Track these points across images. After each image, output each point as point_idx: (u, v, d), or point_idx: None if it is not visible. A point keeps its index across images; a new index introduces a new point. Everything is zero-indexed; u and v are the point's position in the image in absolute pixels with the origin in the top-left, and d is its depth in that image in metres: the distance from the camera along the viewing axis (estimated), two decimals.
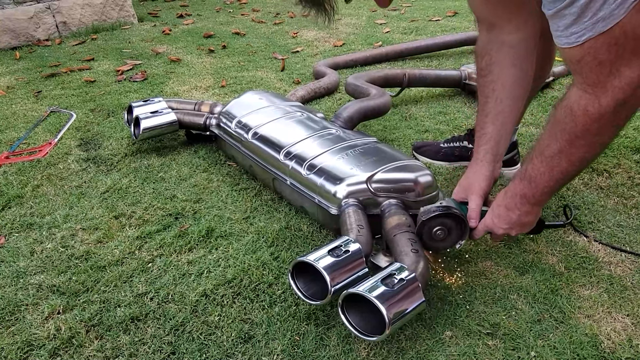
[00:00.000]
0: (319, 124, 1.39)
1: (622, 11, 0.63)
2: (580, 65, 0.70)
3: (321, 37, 2.95)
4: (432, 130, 1.69)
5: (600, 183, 1.36)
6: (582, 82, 0.72)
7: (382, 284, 0.84)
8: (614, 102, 0.69)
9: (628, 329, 0.91)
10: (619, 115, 0.71)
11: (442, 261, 1.09)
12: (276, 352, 0.89)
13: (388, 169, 1.13)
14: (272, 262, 1.10)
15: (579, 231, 1.16)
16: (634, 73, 0.66)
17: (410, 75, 1.86)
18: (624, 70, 0.67)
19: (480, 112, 1.04)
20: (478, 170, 1.03)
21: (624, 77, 0.67)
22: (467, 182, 1.04)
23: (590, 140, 0.76)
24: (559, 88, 2.01)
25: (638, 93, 0.68)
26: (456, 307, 0.97)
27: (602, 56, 0.67)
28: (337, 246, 0.93)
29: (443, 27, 3.02)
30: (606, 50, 0.66)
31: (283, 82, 2.22)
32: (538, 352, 0.87)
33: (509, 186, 0.93)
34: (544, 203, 0.93)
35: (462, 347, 0.88)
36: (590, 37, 0.66)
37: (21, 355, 0.89)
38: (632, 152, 1.50)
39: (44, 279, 1.06)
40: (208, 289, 1.03)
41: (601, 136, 0.75)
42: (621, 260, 1.08)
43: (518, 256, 1.10)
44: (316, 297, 0.91)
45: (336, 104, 1.95)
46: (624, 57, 0.66)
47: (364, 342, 0.90)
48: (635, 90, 0.68)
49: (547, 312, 0.95)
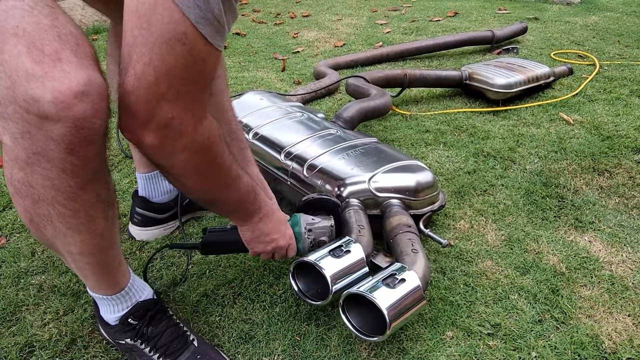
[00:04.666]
0: (319, 124, 1.39)
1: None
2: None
3: (322, 37, 2.95)
4: (432, 131, 1.69)
5: (601, 183, 1.36)
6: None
7: (382, 284, 0.84)
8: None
9: (629, 329, 0.91)
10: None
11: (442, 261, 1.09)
12: (277, 353, 0.89)
13: (389, 169, 1.13)
14: (273, 263, 1.10)
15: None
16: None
17: (411, 76, 1.86)
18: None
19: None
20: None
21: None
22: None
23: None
24: (559, 88, 2.01)
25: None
26: (457, 307, 0.97)
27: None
28: (338, 246, 0.93)
29: (444, 27, 3.02)
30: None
31: (284, 82, 2.22)
32: (539, 353, 0.87)
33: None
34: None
35: (463, 348, 0.88)
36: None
37: (22, 355, 0.89)
38: (632, 152, 1.50)
39: (45, 279, 1.06)
40: (209, 289, 1.03)
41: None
42: (622, 260, 1.08)
43: (519, 256, 1.10)
44: (317, 298, 0.91)
45: (337, 104, 1.95)
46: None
47: (364, 342, 0.90)
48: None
49: (548, 313, 0.95)
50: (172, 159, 0.63)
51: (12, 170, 0.60)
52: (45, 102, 0.52)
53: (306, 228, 0.98)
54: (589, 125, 1.68)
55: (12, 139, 0.56)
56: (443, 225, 1.21)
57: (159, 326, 0.84)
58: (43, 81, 0.51)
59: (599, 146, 1.53)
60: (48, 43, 0.52)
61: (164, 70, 0.55)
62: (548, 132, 1.65)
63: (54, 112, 0.53)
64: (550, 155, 1.50)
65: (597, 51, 2.46)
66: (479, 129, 1.68)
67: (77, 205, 0.64)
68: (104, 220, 0.70)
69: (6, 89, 0.52)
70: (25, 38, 0.51)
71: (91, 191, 0.64)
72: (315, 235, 0.98)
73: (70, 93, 0.52)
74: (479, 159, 1.50)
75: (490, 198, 1.31)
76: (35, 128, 0.54)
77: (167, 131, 0.59)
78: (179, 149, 0.62)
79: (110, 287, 0.81)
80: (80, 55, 0.54)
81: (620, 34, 2.77)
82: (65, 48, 0.53)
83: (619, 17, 3.14)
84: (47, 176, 0.59)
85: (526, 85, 1.88)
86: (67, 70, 0.52)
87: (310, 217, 1.00)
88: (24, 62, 0.51)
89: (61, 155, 0.57)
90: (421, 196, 1.12)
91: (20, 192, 0.62)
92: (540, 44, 2.63)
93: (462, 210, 1.26)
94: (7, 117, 0.54)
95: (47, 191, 0.61)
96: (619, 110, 1.78)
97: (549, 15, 3.27)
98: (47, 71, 0.51)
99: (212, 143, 0.66)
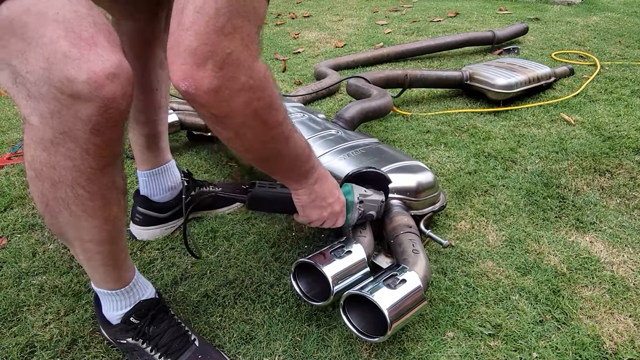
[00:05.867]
0: (320, 124, 1.39)
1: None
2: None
3: (322, 38, 2.95)
4: (433, 131, 1.69)
5: (602, 183, 1.36)
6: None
7: (383, 284, 0.84)
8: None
9: (630, 330, 0.91)
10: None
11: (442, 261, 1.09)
12: (277, 353, 0.89)
13: (390, 170, 1.13)
14: (274, 263, 1.10)
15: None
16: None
17: (412, 76, 1.86)
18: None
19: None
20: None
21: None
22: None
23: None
24: (560, 88, 2.01)
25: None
26: (458, 308, 0.97)
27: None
28: (339, 247, 0.93)
29: (444, 27, 3.02)
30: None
31: (284, 83, 2.22)
32: (540, 353, 0.87)
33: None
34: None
35: (464, 348, 0.88)
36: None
37: (23, 356, 0.89)
38: (634, 152, 1.50)
39: (46, 279, 1.06)
40: (210, 289, 1.03)
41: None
42: (623, 260, 1.08)
43: (520, 257, 1.10)
44: (318, 298, 0.91)
45: (337, 104, 1.95)
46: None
47: (365, 343, 0.90)
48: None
49: (549, 313, 0.95)
50: (232, 103, 0.62)
51: (35, 152, 0.63)
52: (79, 82, 0.56)
53: (359, 198, 0.92)
54: (590, 126, 1.68)
55: (41, 119, 0.59)
56: (444, 225, 1.21)
57: (160, 326, 0.85)
58: (79, 62, 0.56)
59: (600, 146, 1.53)
60: (85, 29, 0.56)
61: (224, 2, 0.55)
62: (549, 133, 1.65)
63: (87, 92, 0.57)
64: (551, 156, 1.50)
65: (598, 51, 2.45)
66: (480, 129, 1.68)
67: (96, 187, 0.66)
68: (117, 207, 0.72)
69: (42, 70, 0.55)
70: (65, 24, 0.55)
71: (110, 174, 0.67)
72: (366, 208, 0.93)
73: (104, 74, 0.57)
74: (480, 160, 1.49)
75: (491, 198, 1.31)
76: (66, 108, 0.58)
77: (226, 69, 0.59)
78: (238, 89, 0.61)
79: (116, 281, 0.82)
80: (112, 42, 0.59)
81: (621, 34, 2.76)
82: (100, 34, 0.57)
83: (620, 18, 3.14)
84: (70, 156, 0.62)
85: (527, 86, 1.88)
86: (101, 54, 0.57)
87: (362, 189, 0.95)
88: (62, 45, 0.55)
89: (86, 135, 0.60)
90: (422, 197, 1.12)
91: (40, 175, 0.64)
92: (541, 44, 2.63)
93: (463, 211, 1.26)
94: (39, 97, 0.57)
95: (67, 172, 0.63)
96: (620, 111, 1.78)
97: (550, 15, 3.27)
98: (83, 53, 0.56)
99: (268, 83, 0.65)
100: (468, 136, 1.65)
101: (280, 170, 0.81)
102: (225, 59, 0.58)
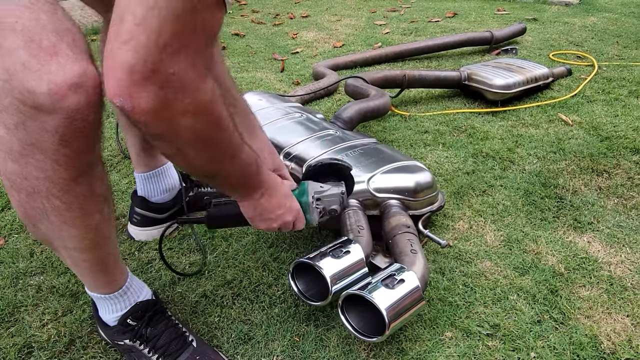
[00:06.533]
0: (318, 124, 1.39)
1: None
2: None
3: (321, 38, 2.95)
4: (431, 131, 1.69)
5: (600, 184, 1.36)
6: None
7: (382, 284, 0.84)
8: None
9: (628, 330, 0.91)
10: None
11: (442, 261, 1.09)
12: (276, 353, 0.89)
13: (388, 170, 1.13)
14: (272, 263, 1.10)
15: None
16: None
17: (410, 76, 1.86)
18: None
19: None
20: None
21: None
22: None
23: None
24: (558, 89, 2.02)
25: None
26: (456, 308, 0.97)
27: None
28: (337, 247, 0.93)
29: (442, 28, 3.02)
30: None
31: (283, 83, 2.22)
32: (538, 353, 0.87)
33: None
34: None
35: (462, 348, 0.88)
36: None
37: (21, 356, 0.89)
38: (631, 152, 1.50)
39: (44, 280, 1.06)
40: (208, 289, 1.03)
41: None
42: (621, 260, 1.08)
43: (518, 257, 1.10)
44: (316, 298, 0.91)
45: (336, 104, 1.95)
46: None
47: (363, 343, 0.90)
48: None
49: (546, 313, 0.95)
50: (173, 125, 0.56)
51: (6, 163, 0.61)
52: (40, 93, 0.53)
53: (314, 197, 0.90)
54: (588, 126, 1.68)
55: (7, 131, 0.57)
56: (442, 225, 1.21)
57: (157, 327, 0.84)
58: (39, 74, 0.53)
59: (597, 147, 1.53)
60: (46, 37, 0.54)
61: (169, 15, 0.48)
62: (547, 133, 1.65)
63: (49, 104, 0.54)
64: (549, 156, 1.50)
65: (595, 52, 2.46)
66: (478, 129, 1.69)
67: (71, 197, 0.64)
68: (99, 214, 0.70)
69: (3, 82, 0.54)
70: (24, 33, 0.53)
71: (85, 184, 0.65)
72: (325, 204, 0.91)
73: (65, 85, 0.54)
74: (478, 160, 1.50)
75: (489, 198, 1.31)
76: (30, 119, 0.56)
77: (168, 89, 0.52)
78: (180, 111, 0.55)
79: (107, 286, 0.81)
80: (75, 49, 0.56)
81: (618, 34, 2.77)
82: (61, 42, 0.55)
83: (618, 18, 3.15)
84: (41, 168, 0.60)
85: (525, 86, 1.88)
86: (62, 63, 0.54)
87: (318, 185, 0.92)
88: (21, 56, 0.53)
89: (54, 146, 0.58)
90: (420, 197, 1.12)
91: (15, 185, 0.62)
92: (539, 44, 2.63)
93: (461, 211, 1.26)
94: (2, 109, 0.56)
95: (41, 183, 0.61)
96: (618, 111, 1.79)
97: (548, 16, 3.28)
98: (43, 64, 0.53)
99: (215, 104, 0.60)
100: (466, 136, 1.65)
101: (226, 185, 0.77)
102: (167, 79, 0.51)
